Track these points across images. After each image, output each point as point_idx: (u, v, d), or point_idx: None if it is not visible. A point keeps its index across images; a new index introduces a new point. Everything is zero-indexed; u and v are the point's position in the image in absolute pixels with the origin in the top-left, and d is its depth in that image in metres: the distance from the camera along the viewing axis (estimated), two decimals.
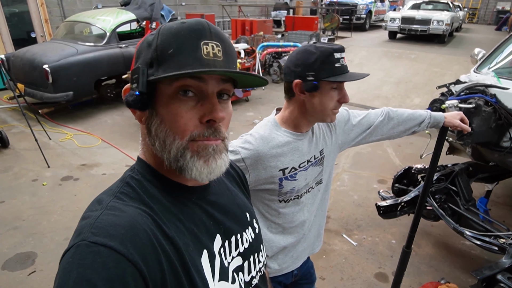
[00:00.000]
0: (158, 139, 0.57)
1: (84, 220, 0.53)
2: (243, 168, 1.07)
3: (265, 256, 0.80)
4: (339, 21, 11.75)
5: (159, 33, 0.57)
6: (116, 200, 0.56)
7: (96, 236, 0.48)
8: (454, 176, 2.47)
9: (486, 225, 2.19)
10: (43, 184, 3.51)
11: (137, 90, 0.55)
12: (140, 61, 0.58)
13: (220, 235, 0.66)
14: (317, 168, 1.21)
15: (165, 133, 0.57)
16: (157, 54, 0.55)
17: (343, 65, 1.04)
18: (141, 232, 0.51)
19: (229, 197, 0.74)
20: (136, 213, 0.54)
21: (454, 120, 1.37)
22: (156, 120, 0.57)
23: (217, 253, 0.64)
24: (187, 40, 0.55)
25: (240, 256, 0.70)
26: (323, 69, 1.02)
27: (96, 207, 0.55)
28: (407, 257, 1.71)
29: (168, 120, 0.56)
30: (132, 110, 0.59)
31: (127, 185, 0.59)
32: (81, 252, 0.47)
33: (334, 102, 1.08)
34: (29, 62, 5.01)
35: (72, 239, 0.50)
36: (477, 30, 16.49)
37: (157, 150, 0.59)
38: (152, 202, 0.57)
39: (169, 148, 0.57)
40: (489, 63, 2.90)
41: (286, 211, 1.19)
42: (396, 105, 6.25)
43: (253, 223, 0.78)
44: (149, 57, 0.56)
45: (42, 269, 2.43)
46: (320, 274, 2.44)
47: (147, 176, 0.61)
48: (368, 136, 1.32)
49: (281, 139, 1.12)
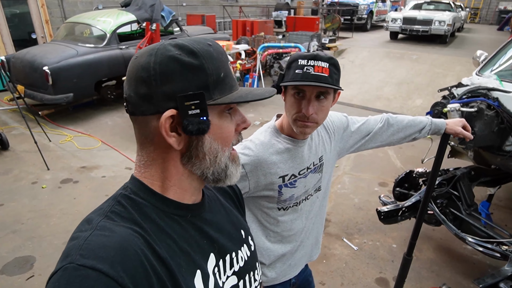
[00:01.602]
0: (211, 156, 0.60)
1: (72, 241, 0.51)
2: (243, 175, 1.06)
3: (260, 275, 0.78)
4: (340, 21, 11.72)
5: (202, 56, 0.56)
6: (107, 220, 0.54)
7: (85, 258, 0.46)
8: (456, 181, 2.44)
9: (488, 231, 2.16)
10: (42, 187, 3.50)
11: (203, 115, 0.56)
12: (180, 85, 0.55)
13: (214, 254, 0.65)
14: (317, 175, 1.19)
15: (216, 150, 0.60)
16: (213, 79, 0.57)
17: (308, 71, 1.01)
18: (132, 253, 0.50)
19: (224, 215, 0.73)
20: (127, 233, 0.52)
21: (456, 127, 1.34)
22: (207, 139, 0.59)
23: (211, 273, 0.63)
24: (225, 63, 0.60)
25: (235, 275, 0.69)
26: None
27: (86, 227, 0.53)
28: (408, 265, 1.69)
29: (220, 137, 0.61)
30: (171, 136, 0.56)
31: (119, 204, 0.57)
32: (69, 276, 0.45)
33: (294, 109, 1.04)
34: (29, 63, 5.01)
35: (60, 261, 0.49)
36: (479, 30, 16.42)
37: (200, 169, 0.61)
38: (144, 222, 0.56)
39: (219, 161, 0.61)
40: (491, 66, 2.88)
41: (285, 219, 1.18)
42: (398, 106, 6.23)
43: (248, 240, 0.77)
44: (203, 81, 0.56)
45: (41, 273, 2.42)
46: (320, 279, 2.42)
47: (140, 194, 0.59)
48: (367, 142, 1.30)
49: (281, 145, 1.11)
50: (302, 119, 1.02)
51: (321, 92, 1.01)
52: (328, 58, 0.99)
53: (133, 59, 0.59)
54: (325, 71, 0.97)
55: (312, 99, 1.00)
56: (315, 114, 1.01)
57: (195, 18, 10.75)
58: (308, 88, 1.00)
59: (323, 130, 1.22)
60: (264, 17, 14.38)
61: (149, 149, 0.60)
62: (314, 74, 0.97)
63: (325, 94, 1.01)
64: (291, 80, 0.99)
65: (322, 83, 0.97)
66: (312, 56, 0.98)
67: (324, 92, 1.01)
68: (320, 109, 1.02)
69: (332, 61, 0.99)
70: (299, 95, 1.02)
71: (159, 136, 0.57)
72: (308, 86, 0.98)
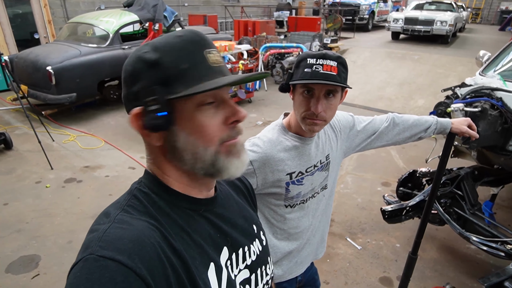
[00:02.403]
0: (188, 152, 0.58)
1: (91, 233, 0.53)
2: (251, 172, 1.07)
3: (272, 269, 0.79)
4: (342, 21, 11.71)
5: (160, 49, 0.56)
6: (124, 213, 0.56)
7: (104, 250, 0.48)
8: (460, 181, 2.45)
9: (492, 230, 2.17)
10: (46, 186, 3.51)
11: (162, 111, 0.55)
12: (143, 82, 0.56)
13: (227, 247, 0.66)
14: (323, 173, 1.21)
15: (194, 145, 0.58)
16: (170, 72, 0.55)
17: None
18: (148, 245, 0.51)
19: (236, 210, 0.74)
20: (143, 226, 0.54)
21: (462, 127, 1.35)
22: (182, 134, 0.57)
23: (224, 266, 0.64)
24: (195, 52, 0.57)
25: (247, 269, 0.70)
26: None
27: (104, 220, 0.55)
28: (413, 263, 1.69)
29: (196, 132, 0.57)
30: (146, 134, 0.58)
31: (135, 198, 0.59)
32: (89, 267, 0.47)
33: (303, 107, 1.05)
34: (32, 63, 5.03)
35: (80, 252, 0.50)
36: (481, 31, 16.40)
37: (186, 164, 0.59)
38: (159, 215, 0.57)
39: (202, 157, 0.58)
40: (494, 66, 2.88)
41: (292, 217, 1.19)
42: (400, 106, 6.23)
43: (260, 235, 0.78)
44: (160, 76, 0.55)
45: (46, 272, 2.43)
46: (324, 278, 2.43)
47: (154, 189, 0.61)
48: (373, 142, 1.31)
49: (288, 143, 1.13)
50: (311, 117, 1.03)
51: (330, 90, 1.02)
52: (336, 57, 1.00)
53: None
54: (333, 70, 0.99)
55: (321, 97, 1.02)
56: (323, 112, 1.02)
57: (197, 18, 10.77)
58: (317, 86, 1.01)
59: (329, 128, 1.24)
60: (266, 17, 14.39)
61: (145, 145, 0.63)
62: (323, 72, 0.98)
63: (333, 93, 1.03)
64: (301, 78, 1.01)
65: (331, 81, 0.98)
66: (321, 55, 1.00)
67: (332, 90, 1.02)
68: (328, 107, 1.03)
69: (340, 60, 1.01)
70: (308, 93, 1.03)
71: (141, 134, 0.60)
72: (318, 84, 1.00)
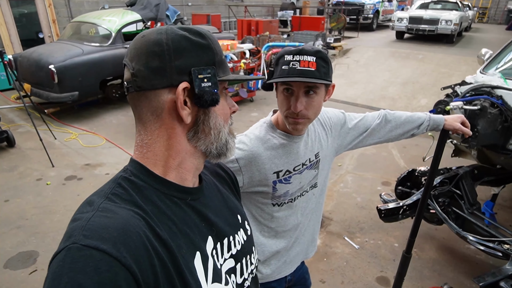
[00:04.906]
0: (215, 130, 0.64)
1: (74, 222, 0.52)
2: (236, 169, 1.05)
3: (257, 258, 0.80)
4: (346, 21, 11.66)
5: (208, 37, 0.62)
6: (108, 201, 0.54)
7: (88, 239, 0.47)
8: (458, 179, 2.42)
9: (491, 230, 2.14)
10: (47, 184, 3.54)
11: (214, 88, 0.60)
12: (192, 60, 0.59)
13: (212, 237, 0.66)
14: (312, 171, 1.18)
15: (220, 124, 0.64)
16: (218, 58, 0.63)
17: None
18: (134, 234, 0.50)
19: (221, 200, 0.74)
20: (128, 215, 0.53)
21: (455, 123, 1.33)
22: (213, 113, 0.63)
23: (210, 255, 0.64)
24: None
25: (232, 258, 0.70)
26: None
27: (87, 209, 0.53)
28: (407, 262, 1.68)
29: (223, 112, 0.65)
30: (183, 108, 0.59)
31: (119, 186, 0.58)
32: (72, 256, 0.46)
33: (284, 106, 1.03)
34: (35, 62, 5.07)
35: (63, 241, 0.49)
36: (487, 30, 16.24)
37: (204, 144, 0.64)
38: (145, 204, 0.57)
39: (222, 136, 0.65)
40: (496, 64, 2.84)
41: (280, 215, 1.17)
42: (402, 106, 6.18)
43: (245, 225, 0.78)
44: (212, 59, 0.61)
45: (43, 268, 2.45)
46: (320, 277, 2.42)
47: (141, 176, 0.60)
48: (365, 139, 1.29)
49: (276, 141, 1.10)
50: (292, 115, 1.01)
51: (310, 87, 0.98)
52: (314, 52, 0.96)
53: (140, 37, 0.60)
54: (311, 65, 0.95)
55: (300, 95, 0.98)
56: (304, 110, 0.99)
57: (200, 18, 10.78)
58: (295, 84, 0.98)
59: (319, 126, 1.21)
60: (270, 17, 14.38)
61: (154, 126, 0.60)
62: (300, 69, 0.95)
63: (314, 89, 0.99)
64: (278, 76, 0.98)
65: (308, 77, 0.94)
66: (297, 51, 0.96)
67: (312, 87, 0.98)
68: (310, 105, 0.99)
69: (319, 55, 0.96)
70: (288, 91, 1.00)
71: (168, 110, 0.59)
72: (295, 82, 0.97)
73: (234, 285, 0.69)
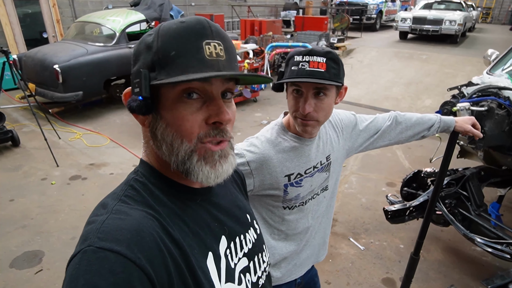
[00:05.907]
0: (165, 143, 0.57)
1: (89, 225, 0.52)
2: (248, 172, 1.04)
3: (268, 256, 0.80)
4: (349, 21, 11.63)
5: (158, 34, 0.55)
6: (121, 203, 0.55)
7: (103, 241, 0.48)
8: (465, 181, 2.40)
9: (498, 232, 2.12)
10: (51, 183, 3.55)
11: (140, 94, 0.54)
12: (139, 64, 0.56)
13: (225, 236, 0.66)
14: (324, 174, 1.17)
15: (172, 137, 0.56)
16: (158, 57, 0.54)
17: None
18: (147, 235, 0.51)
19: (230, 199, 0.74)
20: (141, 216, 0.53)
21: (465, 125, 1.32)
22: (161, 124, 0.56)
23: (223, 255, 0.64)
24: (189, 41, 0.54)
25: (245, 257, 0.70)
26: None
27: (101, 212, 0.54)
28: (415, 264, 1.67)
29: (175, 124, 0.55)
30: (134, 114, 0.58)
31: (132, 188, 0.58)
32: (88, 258, 0.46)
33: (293, 107, 1.03)
34: (40, 62, 5.08)
35: (78, 244, 0.50)
36: (491, 30, 16.15)
37: (163, 154, 0.58)
38: (157, 205, 0.57)
39: (177, 151, 0.56)
40: (503, 65, 2.83)
41: (290, 218, 1.16)
42: (406, 106, 6.16)
43: (254, 223, 0.78)
44: (150, 60, 0.55)
45: (49, 267, 2.45)
46: (326, 278, 2.41)
47: (151, 178, 0.60)
48: (376, 141, 1.28)
49: (287, 144, 1.08)
50: (301, 117, 0.99)
51: (319, 88, 0.96)
52: (325, 53, 0.95)
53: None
54: (321, 66, 0.93)
55: (309, 96, 0.97)
56: (314, 112, 0.97)
57: None
58: (304, 85, 0.96)
59: (330, 128, 1.19)
60: (273, 17, 14.37)
61: (142, 128, 0.62)
62: (309, 70, 0.93)
63: (324, 91, 0.97)
64: (288, 77, 0.97)
65: (317, 78, 0.93)
66: (307, 52, 0.95)
67: (322, 88, 0.96)
68: (319, 107, 0.97)
69: (329, 56, 0.95)
70: (298, 93, 0.99)
71: None
72: (304, 83, 0.95)
73: (249, 284, 0.69)
